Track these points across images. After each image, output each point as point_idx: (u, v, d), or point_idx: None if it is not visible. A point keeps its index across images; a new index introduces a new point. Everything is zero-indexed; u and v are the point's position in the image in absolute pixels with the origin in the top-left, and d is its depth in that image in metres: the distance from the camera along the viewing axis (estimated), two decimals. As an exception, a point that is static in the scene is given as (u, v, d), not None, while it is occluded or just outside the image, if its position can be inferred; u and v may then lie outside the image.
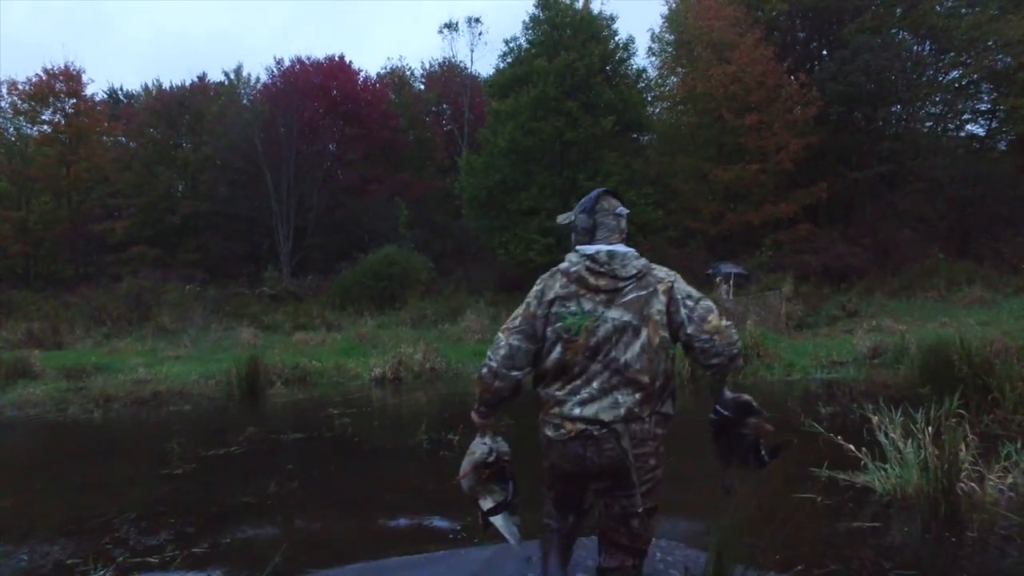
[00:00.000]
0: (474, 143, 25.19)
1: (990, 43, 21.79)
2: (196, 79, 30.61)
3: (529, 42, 21.67)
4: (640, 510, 2.14)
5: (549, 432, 2.18)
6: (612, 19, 21.38)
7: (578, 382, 2.11)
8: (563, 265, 2.25)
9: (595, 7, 21.82)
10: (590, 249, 2.21)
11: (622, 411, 2.07)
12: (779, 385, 7.49)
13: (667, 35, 25.32)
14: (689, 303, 2.14)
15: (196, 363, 11.36)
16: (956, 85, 23.28)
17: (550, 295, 2.20)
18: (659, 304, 2.12)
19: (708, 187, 20.92)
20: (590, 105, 19.82)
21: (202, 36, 54.93)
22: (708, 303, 2.16)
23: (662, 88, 25.49)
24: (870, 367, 7.06)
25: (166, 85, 30.96)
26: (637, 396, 2.08)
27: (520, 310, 2.26)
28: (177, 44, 54.09)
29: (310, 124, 28.55)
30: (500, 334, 2.26)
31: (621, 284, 2.13)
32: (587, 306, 2.15)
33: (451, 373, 10.26)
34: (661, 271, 2.20)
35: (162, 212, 27.26)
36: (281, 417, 7.12)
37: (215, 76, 32.21)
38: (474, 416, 2.35)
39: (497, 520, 2.32)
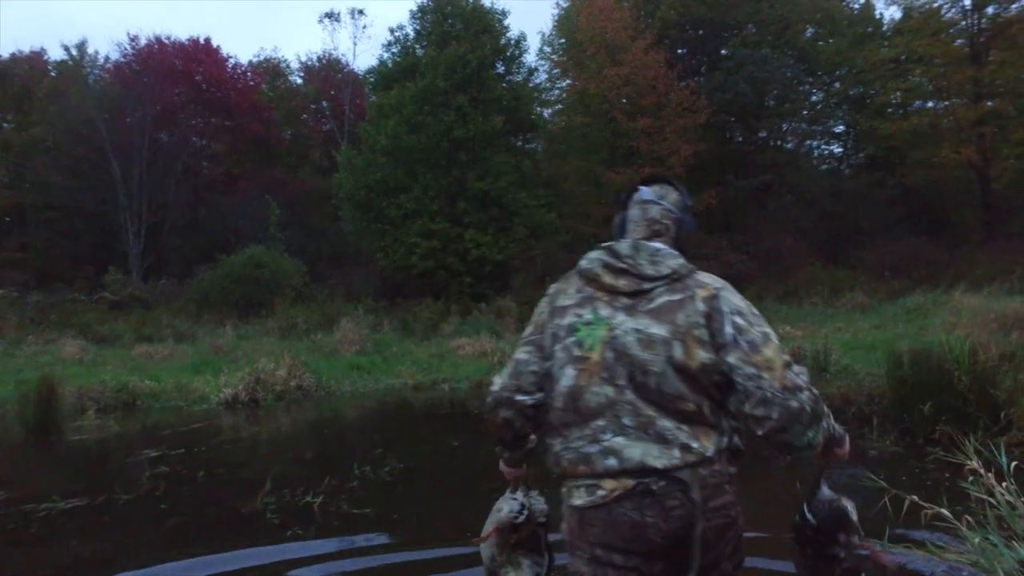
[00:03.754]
0: (355, 141, 23.47)
1: (843, 71, 23.53)
2: (21, 51, 26.47)
3: (417, 32, 20.37)
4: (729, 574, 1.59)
5: (578, 500, 1.56)
6: (504, 14, 20.57)
7: (601, 421, 1.55)
8: (580, 264, 1.74)
9: (486, 1, 20.89)
10: (614, 244, 1.72)
11: (677, 452, 1.50)
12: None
13: (558, 39, 24.97)
14: (739, 320, 1.55)
15: (-13, 386, 8.96)
16: (819, 106, 24.84)
17: (562, 300, 1.71)
18: (696, 314, 1.56)
19: (600, 191, 20.54)
20: (481, 100, 18.79)
21: (38, 7, 48.28)
22: (767, 329, 1.57)
23: (552, 91, 25.08)
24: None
25: (-13, 56, 26.47)
26: (687, 428, 1.52)
27: (533, 316, 1.80)
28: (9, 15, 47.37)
29: (168, 111, 25.56)
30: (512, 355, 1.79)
31: (648, 285, 1.62)
32: (603, 312, 1.63)
33: (322, 392, 8.69)
34: (706, 276, 1.66)
35: (-27, 203, 23.10)
36: (70, 466, 5.22)
37: (55, 53, 27.98)
38: (501, 466, 1.89)
39: None
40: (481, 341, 11.90)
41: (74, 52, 27.99)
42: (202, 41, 27.91)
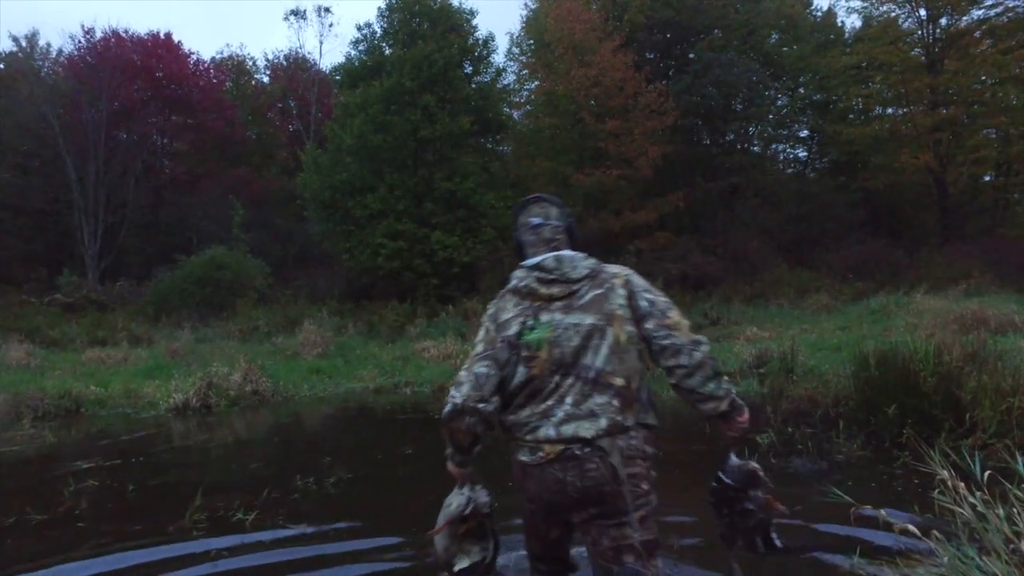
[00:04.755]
0: (322, 141, 23.02)
1: (806, 77, 23.91)
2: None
3: (384, 30, 20.05)
4: (635, 541, 1.89)
5: (524, 457, 1.97)
6: (472, 14, 20.37)
7: (550, 402, 1.94)
8: (510, 284, 2.11)
9: (454, 1, 20.66)
10: (534, 260, 2.07)
11: (603, 422, 1.88)
12: (676, 403, 6.52)
13: (526, 40, 24.86)
14: (648, 296, 2.00)
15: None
16: (784, 110, 25.20)
17: (504, 316, 2.05)
18: (619, 298, 1.98)
19: (568, 192, 20.45)
20: (448, 100, 18.55)
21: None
22: (667, 300, 2.03)
23: (521, 92, 24.96)
24: (773, 378, 6.24)
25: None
26: (615, 402, 1.90)
27: (480, 335, 2.11)
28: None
29: (127, 107, 24.74)
30: (462, 370, 2.05)
31: (576, 287, 1.99)
32: (544, 318, 1.99)
33: (279, 397, 8.37)
34: (613, 267, 2.08)
35: (-87, 201, 22.04)
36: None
37: (2, 44, 27.03)
38: (450, 467, 2.12)
39: None
40: (447, 343, 11.66)
41: (24, 43, 26.99)
42: (162, 36, 27.10)
